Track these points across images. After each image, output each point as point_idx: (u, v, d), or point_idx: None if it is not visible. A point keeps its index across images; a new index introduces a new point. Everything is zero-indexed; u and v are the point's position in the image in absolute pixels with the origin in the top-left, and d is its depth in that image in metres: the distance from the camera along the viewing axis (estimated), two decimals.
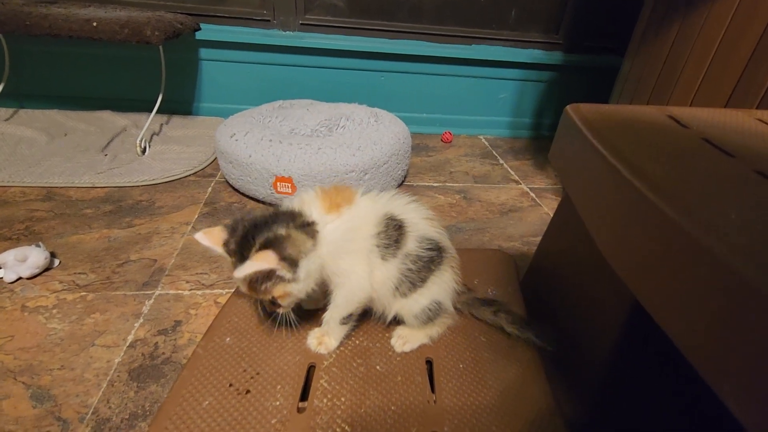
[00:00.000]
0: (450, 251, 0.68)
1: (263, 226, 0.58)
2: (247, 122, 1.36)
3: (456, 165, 1.72)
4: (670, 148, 0.52)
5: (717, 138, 0.55)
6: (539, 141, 2.04)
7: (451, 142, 1.91)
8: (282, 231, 0.57)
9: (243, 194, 1.36)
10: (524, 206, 1.46)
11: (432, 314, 0.66)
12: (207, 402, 0.52)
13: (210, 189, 1.39)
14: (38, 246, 0.98)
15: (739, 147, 0.53)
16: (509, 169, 1.72)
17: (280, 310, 0.60)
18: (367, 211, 0.64)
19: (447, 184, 1.56)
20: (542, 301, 0.76)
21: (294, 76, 1.81)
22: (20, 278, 0.96)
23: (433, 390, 0.58)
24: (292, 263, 0.56)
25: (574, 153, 0.59)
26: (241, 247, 0.57)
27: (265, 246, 0.55)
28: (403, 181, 1.52)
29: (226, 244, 0.58)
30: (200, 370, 0.56)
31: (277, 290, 0.57)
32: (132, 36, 1.33)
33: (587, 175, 0.55)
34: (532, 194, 1.54)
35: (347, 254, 0.61)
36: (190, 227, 1.19)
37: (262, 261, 0.53)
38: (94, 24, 1.31)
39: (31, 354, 0.80)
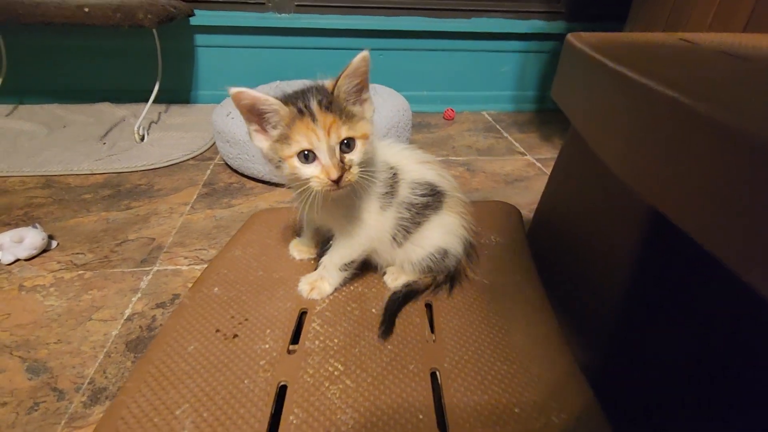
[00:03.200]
0: (453, 194, 0.64)
1: (310, 86, 0.53)
2: None
3: (459, 140, 1.68)
4: (687, 59, 0.48)
5: (734, 51, 0.51)
6: (544, 114, 1.99)
7: (453, 118, 1.87)
8: None
9: (242, 174, 1.34)
10: (530, 176, 1.41)
11: (433, 264, 0.63)
12: (192, 347, 0.49)
13: (209, 171, 1.37)
14: (35, 227, 0.97)
15: (758, 55, 0.49)
16: (514, 142, 1.68)
17: (352, 174, 0.51)
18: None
19: (450, 157, 1.52)
20: (550, 248, 0.72)
21: (291, 58, 1.79)
22: (18, 260, 0.95)
23: (432, 330, 0.55)
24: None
25: (581, 80, 0.56)
26: (301, 96, 0.51)
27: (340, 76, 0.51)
28: None
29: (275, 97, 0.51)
30: (186, 318, 0.54)
31: (362, 124, 0.51)
32: (124, 20, 1.31)
33: (598, 98, 0.51)
34: (539, 164, 1.49)
35: (360, 196, 0.57)
36: (188, 207, 1.17)
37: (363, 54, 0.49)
38: (86, 9, 1.30)
39: (28, 330, 0.79)
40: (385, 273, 0.67)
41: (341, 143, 0.51)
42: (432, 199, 0.61)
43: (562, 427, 0.42)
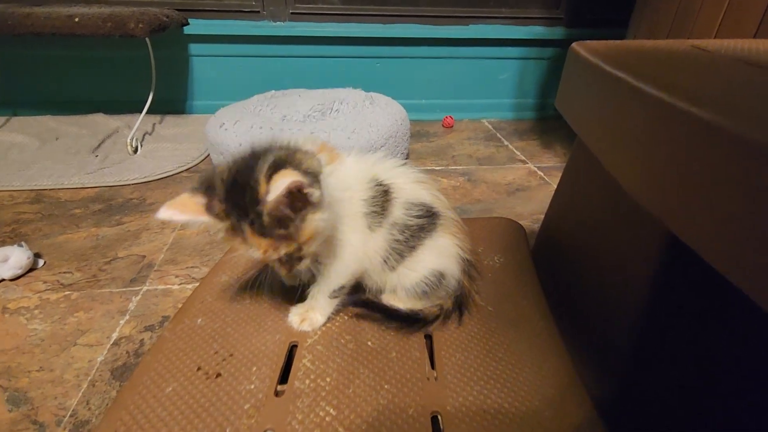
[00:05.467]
0: (447, 215, 0.61)
1: (256, 160, 0.46)
2: (238, 112, 1.31)
3: (458, 149, 1.64)
4: (702, 68, 0.44)
5: (751, 59, 0.47)
6: (545, 121, 1.96)
7: (452, 126, 1.84)
8: (282, 153, 0.47)
9: None
10: (532, 185, 1.38)
11: (429, 288, 0.59)
12: (170, 388, 0.46)
13: None
14: (20, 246, 0.94)
15: None
16: (515, 150, 1.64)
17: (303, 265, 0.50)
18: (356, 172, 0.57)
19: (450, 167, 1.49)
20: (556, 269, 0.69)
21: (287, 67, 1.76)
22: (3, 280, 0.91)
23: (433, 366, 0.51)
24: (314, 178, 0.45)
25: (588, 91, 0.52)
26: (237, 197, 0.44)
27: (275, 169, 0.43)
28: None
29: (209, 209, 0.45)
30: (165, 354, 0.50)
31: (308, 227, 0.46)
32: (115, 29, 1.29)
33: (606, 111, 0.47)
34: (540, 173, 1.46)
35: (340, 219, 0.53)
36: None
37: (286, 178, 0.41)
38: (76, 20, 1.28)
39: (10, 356, 0.75)
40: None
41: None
42: (427, 221, 0.58)
43: None
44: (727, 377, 0.50)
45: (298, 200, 0.44)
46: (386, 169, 0.60)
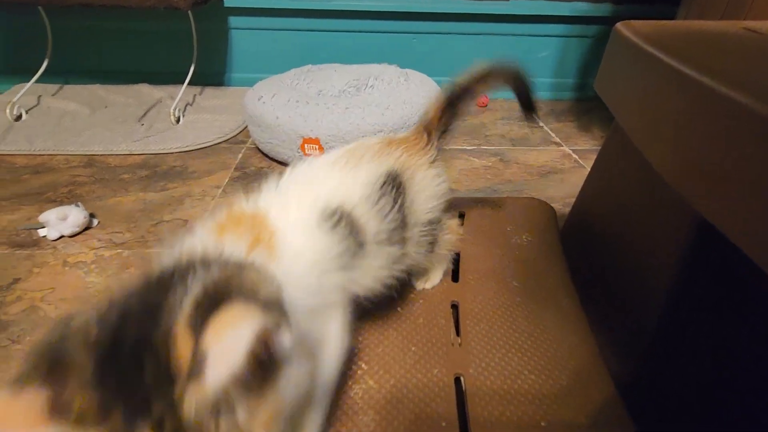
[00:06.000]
0: (398, 163, 0.51)
1: (161, 293, 0.28)
2: (275, 85, 1.34)
3: (492, 128, 1.63)
4: (753, 52, 0.43)
5: None
6: (584, 103, 1.90)
7: (486, 105, 1.81)
8: (215, 274, 0.29)
9: (272, 159, 1.35)
10: (566, 168, 1.36)
11: (435, 228, 0.54)
12: None
13: (240, 155, 1.39)
14: (77, 206, 1.02)
15: None
16: (550, 132, 1.61)
17: None
18: (306, 236, 0.42)
19: (482, 147, 1.48)
20: (584, 251, 0.69)
21: (324, 41, 1.77)
22: (62, 236, 1.00)
23: (458, 333, 0.54)
24: (280, 311, 0.28)
25: (630, 74, 0.52)
26: (123, 376, 0.25)
27: (211, 306, 0.25)
28: None
29: (57, 410, 0.23)
30: None
31: (270, 402, 0.26)
32: (159, 1, 1.33)
33: (648, 95, 0.47)
34: (575, 156, 1.43)
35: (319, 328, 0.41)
36: (220, 191, 1.20)
37: (242, 323, 0.25)
38: None
39: (71, 304, 0.83)
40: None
41: None
42: (396, 187, 0.48)
43: None
44: (746, 374, 0.50)
45: (257, 361, 0.24)
46: (324, 188, 0.46)
